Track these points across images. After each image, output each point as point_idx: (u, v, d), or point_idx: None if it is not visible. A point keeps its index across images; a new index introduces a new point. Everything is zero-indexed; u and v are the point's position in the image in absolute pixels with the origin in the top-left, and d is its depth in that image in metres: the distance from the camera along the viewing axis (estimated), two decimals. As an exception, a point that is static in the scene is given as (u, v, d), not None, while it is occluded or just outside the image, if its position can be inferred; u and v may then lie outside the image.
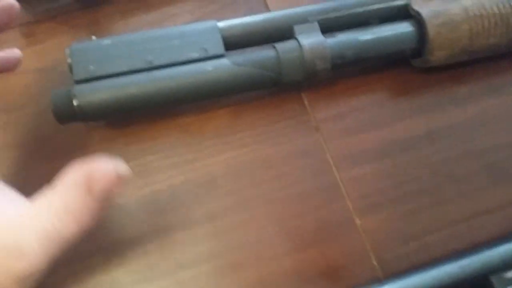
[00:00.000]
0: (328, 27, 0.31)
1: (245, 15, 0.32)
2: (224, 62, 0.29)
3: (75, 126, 0.31)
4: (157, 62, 0.29)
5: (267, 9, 0.36)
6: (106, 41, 0.30)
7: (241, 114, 0.33)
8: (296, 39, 0.30)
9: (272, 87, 0.32)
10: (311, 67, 0.29)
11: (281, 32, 0.31)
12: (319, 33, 0.30)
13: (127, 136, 0.32)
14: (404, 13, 0.31)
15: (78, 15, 0.37)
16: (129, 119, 0.33)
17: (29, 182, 0.31)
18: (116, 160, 0.23)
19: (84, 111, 0.29)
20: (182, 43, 0.30)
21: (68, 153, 0.32)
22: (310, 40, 0.29)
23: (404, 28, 0.30)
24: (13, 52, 0.30)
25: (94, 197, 0.22)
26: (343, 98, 0.33)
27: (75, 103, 0.28)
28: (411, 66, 0.33)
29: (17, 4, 0.27)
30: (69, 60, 0.30)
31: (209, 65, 0.29)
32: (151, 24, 0.36)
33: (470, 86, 0.33)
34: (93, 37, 0.31)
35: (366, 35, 0.30)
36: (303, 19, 0.30)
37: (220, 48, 0.30)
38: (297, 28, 0.30)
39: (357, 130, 0.32)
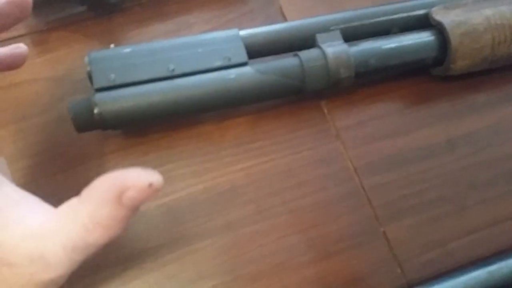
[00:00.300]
0: (349, 36, 0.31)
1: (262, 24, 0.33)
2: (248, 70, 0.29)
3: (90, 135, 0.31)
4: (179, 71, 0.29)
5: (284, 18, 0.36)
6: (126, 49, 0.30)
7: (260, 123, 0.33)
8: (319, 47, 0.30)
9: (294, 95, 0.32)
10: (335, 75, 0.29)
11: (303, 41, 0.31)
12: (342, 42, 0.30)
13: (145, 144, 0.32)
14: (424, 23, 0.31)
15: (91, 24, 0.37)
16: (147, 128, 0.32)
17: (43, 193, 0.31)
18: (148, 169, 0.22)
19: (105, 119, 0.28)
20: (204, 51, 0.30)
21: (84, 162, 0.32)
22: (334, 48, 0.29)
23: (426, 37, 0.30)
24: (18, 47, 0.29)
25: (125, 208, 0.21)
26: (363, 107, 0.33)
27: (95, 111, 0.28)
28: (430, 74, 0.33)
29: None
30: (88, 68, 0.29)
31: (232, 73, 0.29)
32: (167, 34, 0.36)
33: (489, 94, 0.33)
34: (112, 45, 0.31)
35: (389, 44, 0.30)
36: (325, 28, 0.31)
37: (243, 56, 0.30)
38: (319, 37, 0.30)
39: (377, 138, 0.32)
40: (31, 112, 0.33)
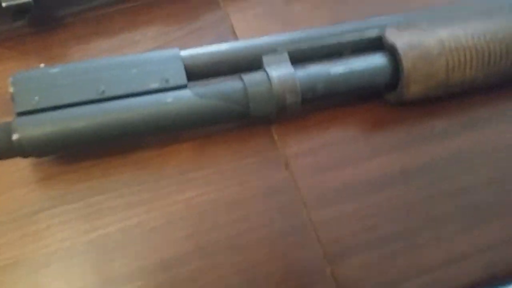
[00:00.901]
0: (298, 58, 0.28)
1: (212, 42, 0.30)
2: (186, 93, 0.27)
3: (14, 161, 0.28)
4: (110, 93, 0.26)
5: (235, 36, 0.34)
6: (54, 70, 0.27)
7: (205, 149, 0.30)
8: (264, 70, 0.27)
9: (238, 121, 0.29)
10: (281, 100, 0.27)
11: (249, 63, 0.28)
12: (289, 65, 0.28)
13: (76, 172, 0.29)
14: (378, 44, 0.29)
15: (29, 40, 0.34)
16: (78, 153, 0.29)
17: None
18: None
19: (25, 146, 0.25)
20: (140, 72, 0.27)
21: (5, 192, 0.29)
22: (279, 72, 0.27)
23: (377, 60, 0.28)
24: None
25: None
26: (315, 133, 0.31)
27: (14, 137, 0.25)
28: (385, 100, 0.31)
29: None
30: (11, 90, 0.27)
31: (169, 96, 0.27)
32: (110, 51, 0.33)
33: (446, 121, 0.31)
34: (42, 65, 0.28)
35: (337, 68, 0.28)
36: (272, 49, 0.28)
37: (182, 78, 0.27)
38: (265, 59, 0.28)
39: (329, 167, 0.30)
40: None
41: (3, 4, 0.29)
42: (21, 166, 0.29)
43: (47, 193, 0.28)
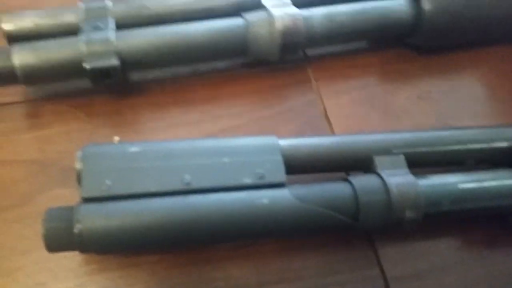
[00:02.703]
0: (414, 162, 0.23)
1: (302, 126, 0.26)
2: (285, 195, 0.21)
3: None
4: (196, 184, 0.21)
5: (327, 122, 0.28)
6: (133, 148, 0.22)
7: (290, 256, 0.24)
8: (378, 175, 0.22)
9: (343, 233, 0.24)
10: (398, 215, 0.21)
11: (356, 161, 0.23)
12: (408, 171, 0.22)
13: (137, 267, 0.23)
14: (508, 158, 0.24)
15: (98, 102, 0.29)
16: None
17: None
18: None
19: (88, 241, 0.20)
20: (232, 162, 0.22)
21: (46, 285, 0.23)
22: (398, 179, 0.21)
23: (511, 178, 0.23)
24: None
25: None
26: (422, 251, 0.24)
27: (76, 229, 0.20)
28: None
29: None
30: (78, 166, 0.21)
31: (265, 197, 0.21)
32: (188, 125, 0.28)
33: None
34: (116, 138, 0.23)
35: (467, 183, 0.22)
36: (385, 149, 0.23)
37: (280, 175, 0.22)
38: (378, 160, 0.23)
39: (441, 298, 0.23)
40: (5, 201, 0.25)
41: (87, 66, 0.24)
42: (70, 253, 0.23)
43: (99, 292, 0.22)
